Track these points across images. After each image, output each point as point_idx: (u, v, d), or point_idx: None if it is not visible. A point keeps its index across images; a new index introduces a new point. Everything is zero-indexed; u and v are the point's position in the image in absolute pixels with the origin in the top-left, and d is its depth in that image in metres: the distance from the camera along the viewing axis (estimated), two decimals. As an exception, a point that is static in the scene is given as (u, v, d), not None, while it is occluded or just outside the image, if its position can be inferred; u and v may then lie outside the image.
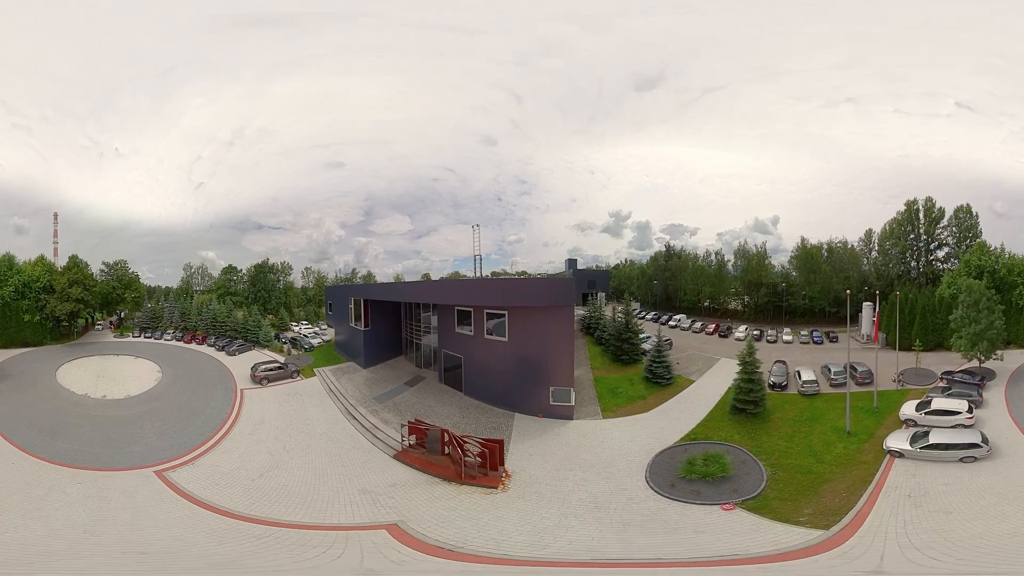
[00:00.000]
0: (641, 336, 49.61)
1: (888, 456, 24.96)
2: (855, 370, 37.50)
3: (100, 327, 74.65)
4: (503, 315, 36.13)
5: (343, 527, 19.59)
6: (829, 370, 38.49)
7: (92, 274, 69.45)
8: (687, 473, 24.13)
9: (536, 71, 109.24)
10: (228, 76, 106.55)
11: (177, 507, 21.22)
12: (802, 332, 62.50)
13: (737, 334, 64.06)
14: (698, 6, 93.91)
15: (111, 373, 46.31)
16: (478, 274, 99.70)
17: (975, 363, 37.67)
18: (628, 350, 46.08)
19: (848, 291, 37.53)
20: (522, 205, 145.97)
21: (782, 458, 26.36)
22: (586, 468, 25.74)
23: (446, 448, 26.40)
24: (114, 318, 79.96)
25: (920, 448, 24.25)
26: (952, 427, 26.76)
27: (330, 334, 65.25)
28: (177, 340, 66.05)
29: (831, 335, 60.26)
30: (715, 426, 31.38)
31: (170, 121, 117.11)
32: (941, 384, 34.76)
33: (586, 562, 17.03)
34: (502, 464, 25.17)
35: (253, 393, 39.66)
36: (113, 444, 28.38)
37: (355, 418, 34.56)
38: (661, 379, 39.70)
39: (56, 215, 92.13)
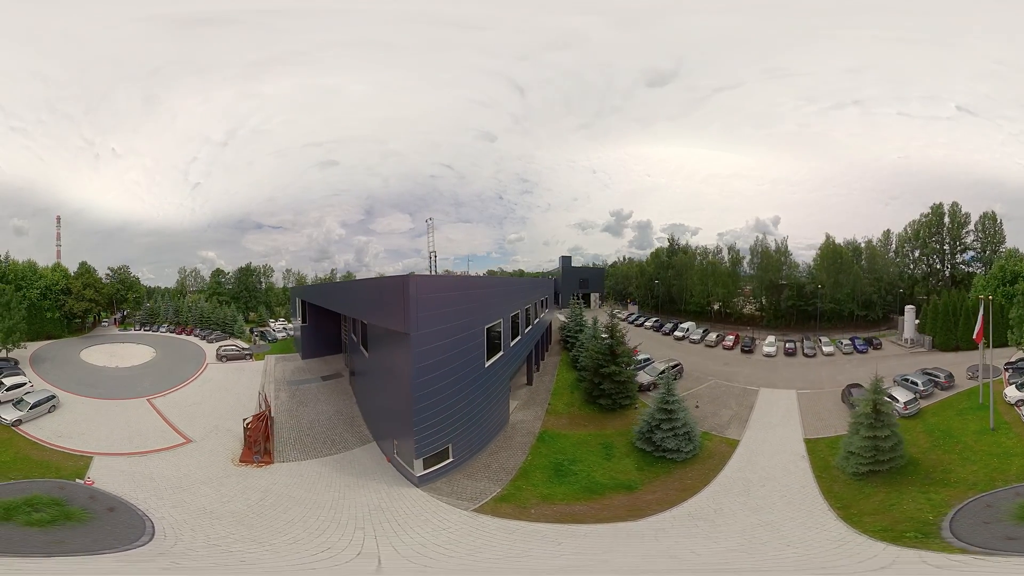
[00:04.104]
0: (638, 362, 35.40)
1: None
2: (937, 377, 39.13)
3: (106, 323, 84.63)
4: (365, 326, 31.94)
5: (180, 433, 34.04)
6: (916, 384, 37.66)
7: (100, 278, 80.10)
8: None
9: (542, 65, 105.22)
10: (217, 76, 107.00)
11: (152, 417, 38.58)
12: (842, 341, 54.19)
13: (766, 348, 51.06)
14: (728, 5, 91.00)
15: (120, 354, 62.28)
16: (433, 271, 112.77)
17: None
18: (611, 392, 30.24)
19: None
20: (523, 204, 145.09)
21: (1001, 476, 22.96)
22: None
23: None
24: (118, 315, 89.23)
25: None
26: None
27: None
28: (170, 332, 78.99)
29: (874, 342, 54.38)
30: (854, 506, 20.29)
31: (164, 122, 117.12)
32: (1007, 373, 37.89)
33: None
34: (269, 454, 28.82)
35: (214, 366, 56.79)
36: (126, 388, 46.43)
37: (263, 390, 43.17)
38: (675, 454, 24.70)
39: (59, 218, 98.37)
